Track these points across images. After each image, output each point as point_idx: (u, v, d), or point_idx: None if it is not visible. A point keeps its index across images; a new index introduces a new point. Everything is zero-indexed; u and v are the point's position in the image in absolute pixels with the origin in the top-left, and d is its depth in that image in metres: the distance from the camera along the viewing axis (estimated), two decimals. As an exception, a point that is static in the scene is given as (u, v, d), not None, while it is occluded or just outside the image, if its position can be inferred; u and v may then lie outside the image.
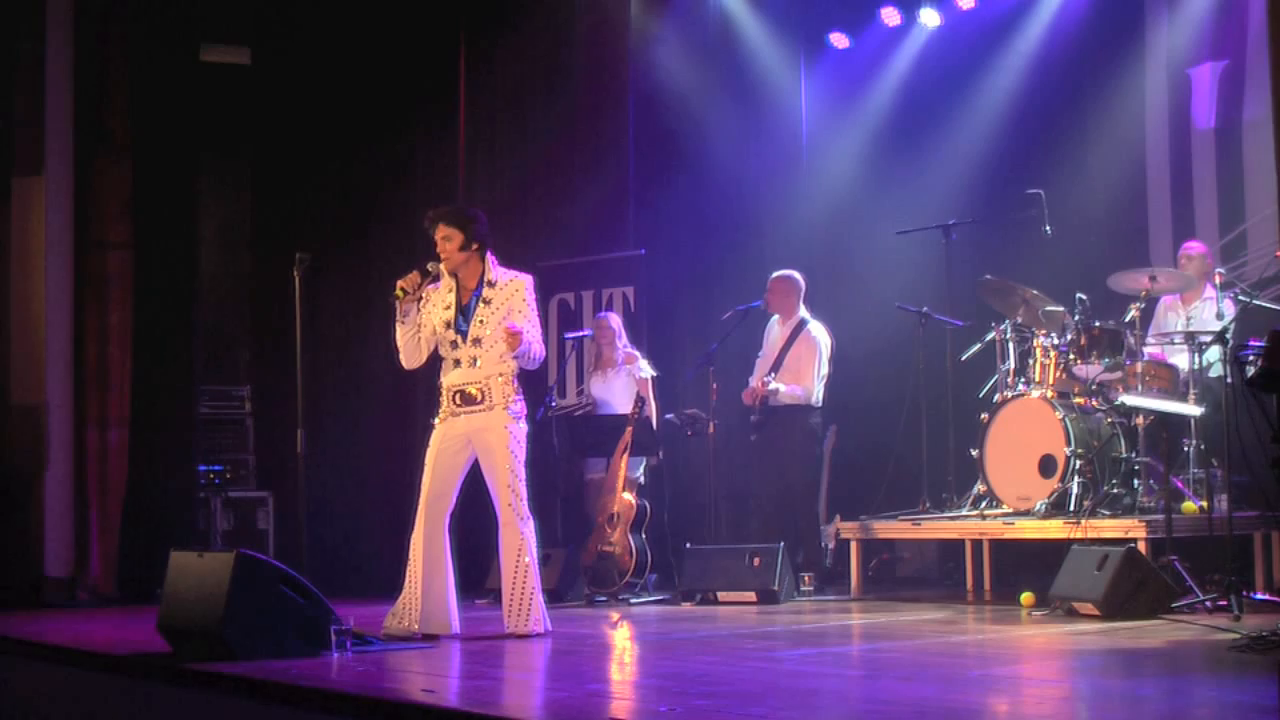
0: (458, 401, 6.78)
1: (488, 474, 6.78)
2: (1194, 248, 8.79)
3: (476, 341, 6.75)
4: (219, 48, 11.04)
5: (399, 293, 6.72)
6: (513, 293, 6.80)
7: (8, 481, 9.72)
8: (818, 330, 9.23)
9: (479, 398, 6.75)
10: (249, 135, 11.49)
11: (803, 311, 9.29)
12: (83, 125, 9.82)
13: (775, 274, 9.40)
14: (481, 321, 6.75)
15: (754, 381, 9.25)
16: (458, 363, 6.80)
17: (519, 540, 6.69)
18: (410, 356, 6.90)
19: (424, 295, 6.83)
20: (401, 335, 6.85)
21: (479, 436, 6.76)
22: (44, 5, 9.78)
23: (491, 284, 6.80)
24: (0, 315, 9.91)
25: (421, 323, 6.84)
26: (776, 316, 9.36)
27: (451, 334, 6.78)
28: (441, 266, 6.80)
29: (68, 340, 9.75)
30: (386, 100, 10.75)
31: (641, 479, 9.17)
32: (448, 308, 6.81)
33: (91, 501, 9.61)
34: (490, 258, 6.85)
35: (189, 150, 10.12)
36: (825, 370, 9.15)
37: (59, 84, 9.81)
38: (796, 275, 9.35)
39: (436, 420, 6.86)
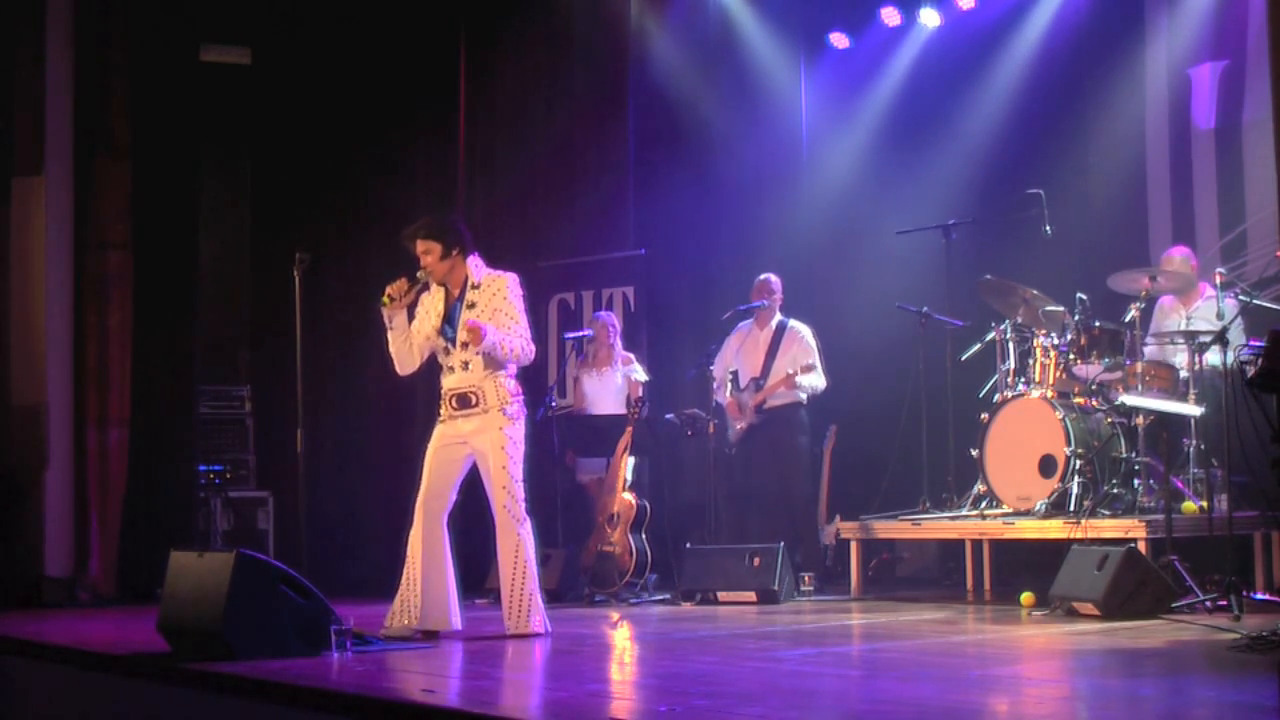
0: (454, 405, 6.79)
1: (484, 476, 6.78)
2: (1175, 252, 8.76)
3: (465, 345, 6.74)
4: (219, 48, 11.03)
5: (385, 299, 6.73)
6: (495, 292, 6.79)
7: (8, 481, 9.71)
8: (801, 325, 9.33)
9: (474, 401, 6.76)
10: (249, 135, 11.50)
11: (778, 314, 9.40)
12: (83, 125, 9.81)
13: (763, 276, 9.45)
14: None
15: (722, 396, 9.27)
16: (452, 368, 6.81)
17: (515, 542, 6.70)
18: (403, 363, 6.91)
19: (418, 303, 6.83)
20: (392, 342, 6.85)
21: (475, 439, 6.76)
22: (44, 5, 9.77)
23: (475, 286, 6.80)
24: (0, 315, 9.90)
25: (413, 330, 6.84)
26: (743, 326, 9.40)
27: (442, 341, 6.80)
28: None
29: (68, 340, 9.74)
30: (386, 100, 10.75)
31: (629, 477, 9.14)
32: (436, 315, 6.82)
33: (91, 501, 9.60)
34: (473, 260, 6.84)
35: (189, 150, 10.13)
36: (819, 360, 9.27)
37: (59, 84, 9.80)
38: (776, 277, 9.48)
39: (439, 422, 6.88)
